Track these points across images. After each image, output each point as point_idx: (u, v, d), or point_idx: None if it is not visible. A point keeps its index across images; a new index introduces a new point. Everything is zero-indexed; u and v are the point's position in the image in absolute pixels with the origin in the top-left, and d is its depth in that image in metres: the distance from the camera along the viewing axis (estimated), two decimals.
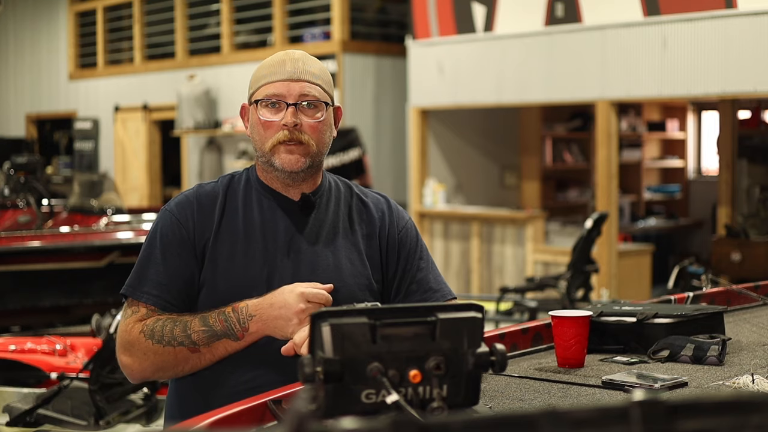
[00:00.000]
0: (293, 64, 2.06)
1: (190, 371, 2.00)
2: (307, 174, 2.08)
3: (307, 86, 2.04)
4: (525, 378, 1.98)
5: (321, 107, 2.06)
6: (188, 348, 1.94)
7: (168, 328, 1.96)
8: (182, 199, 2.09)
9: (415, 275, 2.14)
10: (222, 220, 2.06)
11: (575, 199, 9.96)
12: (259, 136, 2.06)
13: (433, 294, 2.13)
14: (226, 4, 10.80)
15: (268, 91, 2.04)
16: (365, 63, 9.84)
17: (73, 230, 6.79)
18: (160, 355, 1.96)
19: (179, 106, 10.87)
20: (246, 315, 1.94)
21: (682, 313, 2.24)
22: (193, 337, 1.94)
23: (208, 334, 1.94)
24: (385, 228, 2.15)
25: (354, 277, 2.08)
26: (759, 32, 6.50)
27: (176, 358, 1.96)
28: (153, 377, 2.05)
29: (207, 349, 1.95)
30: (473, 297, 7.89)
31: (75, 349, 4.77)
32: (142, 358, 1.98)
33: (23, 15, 14.19)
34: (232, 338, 1.94)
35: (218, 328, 1.94)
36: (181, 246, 2.04)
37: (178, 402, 2.10)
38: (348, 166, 8.35)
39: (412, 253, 2.15)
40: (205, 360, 1.97)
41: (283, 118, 2.02)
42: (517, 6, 8.02)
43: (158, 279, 2.02)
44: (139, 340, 1.97)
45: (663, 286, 7.57)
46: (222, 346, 1.95)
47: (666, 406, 0.90)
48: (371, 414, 1.41)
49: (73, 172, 12.21)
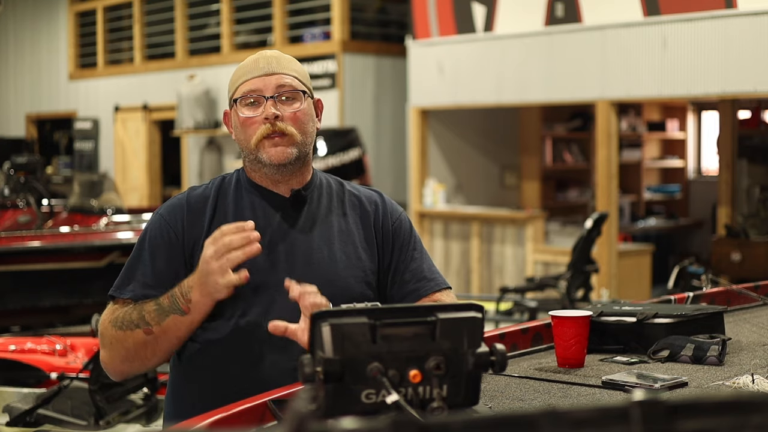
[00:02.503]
0: (266, 60, 2.10)
1: (151, 357, 2.00)
2: (295, 166, 2.09)
3: (284, 77, 2.08)
4: (525, 378, 1.98)
5: (299, 97, 2.09)
6: (143, 330, 1.96)
7: (128, 313, 1.99)
8: (173, 203, 2.12)
9: (408, 265, 2.15)
10: (213, 221, 2.08)
11: (575, 199, 9.96)
12: (243, 135, 2.08)
13: (427, 283, 2.14)
14: (226, 4, 10.80)
15: (245, 88, 2.08)
16: (365, 63, 9.84)
17: (73, 230, 6.79)
18: (121, 342, 1.98)
19: (179, 106, 10.87)
20: (186, 288, 1.95)
21: (682, 313, 2.24)
22: (146, 318, 1.96)
23: (157, 312, 1.96)
24: (379, 220, 2.17)
25: (349, 269, 2.09)
26: (759, 32, 6.50)
27: (135, 343, 1.97)
28: (126, 370, 2.05)
29: (159, 328, 1.96)
30: (473, 297, 7.89)
31: (75, 349, 4.77)
32: (110, 348, 2.01)
33: (23, 15, 14.19)
34: (178, 313, 1.95)
35: (165, 305, 1.96)
36: (169, 249, 2.06)
37: (174, 400, 2.11)
38: (348, 166, 8.34)
39: (405, 243, 2.17)
40: (160, 342, 1.97)
41: (264, 111, 2.05)
42: (517, 6, 8.02)
43: (144, 280, 2.04)
44: (107, 331, 2.00)
45: (663, 286, 7.57)
46: (172, 323, 1.95)
47: (666, 406, 0.90)
48: (371, 414, 1.41)
49: (73, 172, 12.21)
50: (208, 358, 2.04)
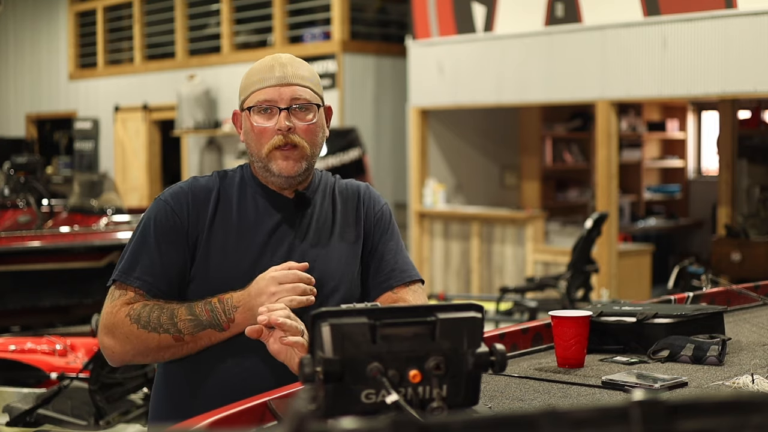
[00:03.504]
0: (282, 68, 2.09)
1: (170, 358, 2.02)
2: (302, 177, 2.12)
3: (298, 90, 2.07)
4: (525, 378, 1.98)
5: (313, 109, 2.10)
6: (173, 336, 1.96)
7: (155, 314, 1.97)
8: (177, 190, 2.11)
9: (383, 255, 2.17)
10: (216, 213, 2.08)
11: (575, 199, 9.96)
12: (255, 143, 2.09)
13: (399, 274, 2.15)
14: (226, 4, 10.80)
15: (260, 97, 2.07)
16: (365, 63, 9.84)
17: (73, 230, 6.79)
18: (143, 341, 1.97)
19: (179, 106, 10.87)
20: (231, 306, 1.96)
21: (682, 313, 2.24)
22: (179, 326, 1.96)
23: (193, 324, 1.96)
24: (363, 212, 2.19)
25: (346, 266, 2.12)
26: (759, 32, 6.50)
27: (159, 345, 1.97)
28: (132, 361, 2.06)
29: (191, 338, 1.96)
30: (473, 297, 7.90)
31: (75, 349, 4.77)
32: (125, 341, 1.99)
33: (23, 15, 14.19)
34: (217, 329, 1.96)
35: (204, 319, 1.96)
36: (176, 235, 2.05)
37: (165, 392, 2.12)
38: (348, 166, 8.34)
39: (383, 233, 2.19)
40: (187, 349, 1.99)
41: (277, 123, 2.05)
42: (517, 6, 8.02)
43: (151, 266, 2.03)
44: (124, 324, 1.98)
45: (663, 286, 7.57)
46: (206, 336, 1.97)
47: (666, 406, 0.90)
48: (371, 414, 1.41)
49: (73, 172, 12.21)
50: (199, 355, 2.05)
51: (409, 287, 2.15)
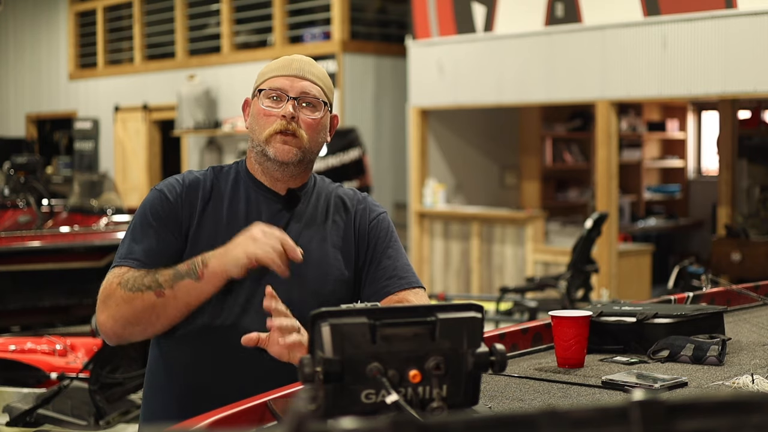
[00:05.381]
0: (300, 64, 2.17)
1: (159, 325, 2.02)
2: (297, 169, 2.14)
3: (309, 85, 2.14)
4: (525, 378, 1.98)
5: (320, 107, 2.14)
6: (154, 291, 1.98)
7: (140, 276, 2.01)
8: (172, 181, 2.16)
9: (381, 262, 2.17)
10: (207, 205, 2.13)
11: (575, 199, 9.96)
12: (258, 125, 2.14)
13: (398, 281, 2.16)
14: (226, 4, 10.80)
15: (273, 83, 2.14)
16: (365, 63, 9.84)
17: (73, 230, 6.79)
18: (129, 303, 1.98)
19: (179, 106, 10.87)
20: (209, 255, 1.99)
21: (682, 313, 2.24)
22: (160, 280, 1.98)
23: (173, 275, 1.98)
24: (358, 220, 2.21)
25: (330, 267, 2.13)
26: (759, 32, 6.50)
27: (144, 305, 1.98)
28: (124, 334, 2.05)
29: (171, 291, 1.97)
30: (473, 297, 7.90)
31: (75, 349, 4.77)
32: (115, 310, 2.00)
33: (23, 15, 14.19)
34: (193, 277, 1.97)
35: (182, 269, 1.99)
36: (170, 220, 2.10)
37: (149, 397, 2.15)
38: (348, 166, 8.34)
39: (381, 241, 2.20)
40: (169, 306, 1.98)
41: (283, 109, 2.11)
42: (517, 6, 8.02)
43: (148, 249, 2.07)
44: (115, 292, 2.01)
45: (663, 286, 7.57)
46: (184, 287, 1.97)
47: (666, 406, 0.90)
48: (371, 414, 1.41)
49: (73, 172, 12.20)
50: (187, 349, 2.08)
51: (410, 290, 2.16)
